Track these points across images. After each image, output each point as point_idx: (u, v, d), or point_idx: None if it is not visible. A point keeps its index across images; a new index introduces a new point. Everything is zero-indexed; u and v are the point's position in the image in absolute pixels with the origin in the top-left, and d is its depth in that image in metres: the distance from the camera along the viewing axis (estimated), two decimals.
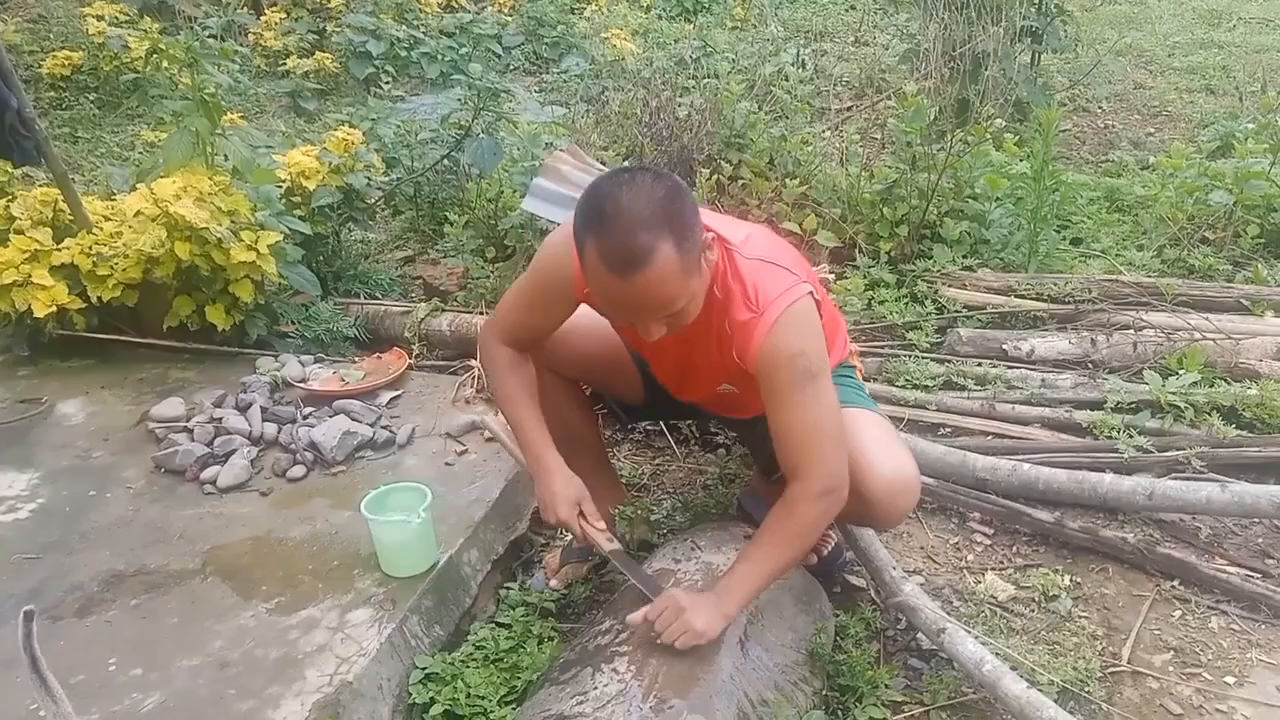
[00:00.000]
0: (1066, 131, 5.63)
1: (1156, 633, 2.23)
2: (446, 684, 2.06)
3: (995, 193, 3.72)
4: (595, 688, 1.86)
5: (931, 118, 3.65)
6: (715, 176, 3.72)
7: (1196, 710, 2.02)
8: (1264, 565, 2.39)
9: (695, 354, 2.00)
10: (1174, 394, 2.81)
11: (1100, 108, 6.33)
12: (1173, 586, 2.35)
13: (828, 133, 4.27)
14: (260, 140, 3.91)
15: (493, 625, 2.27)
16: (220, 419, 2.83)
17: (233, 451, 2.70)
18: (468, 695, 2.03)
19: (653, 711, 1.77)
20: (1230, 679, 2.09)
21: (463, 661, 2.12)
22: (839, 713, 1.99)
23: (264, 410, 2.88)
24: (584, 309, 2.06)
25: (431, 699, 2.03)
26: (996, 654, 2.02)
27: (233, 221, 3.18)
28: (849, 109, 4.95)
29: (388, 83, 7.00)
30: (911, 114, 3.56)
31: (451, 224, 3.78)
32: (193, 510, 2.52)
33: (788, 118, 4.00)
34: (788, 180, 3.68)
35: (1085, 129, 5.99)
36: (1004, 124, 3.90)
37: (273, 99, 6.87)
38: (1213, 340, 3.00)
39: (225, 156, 3.35)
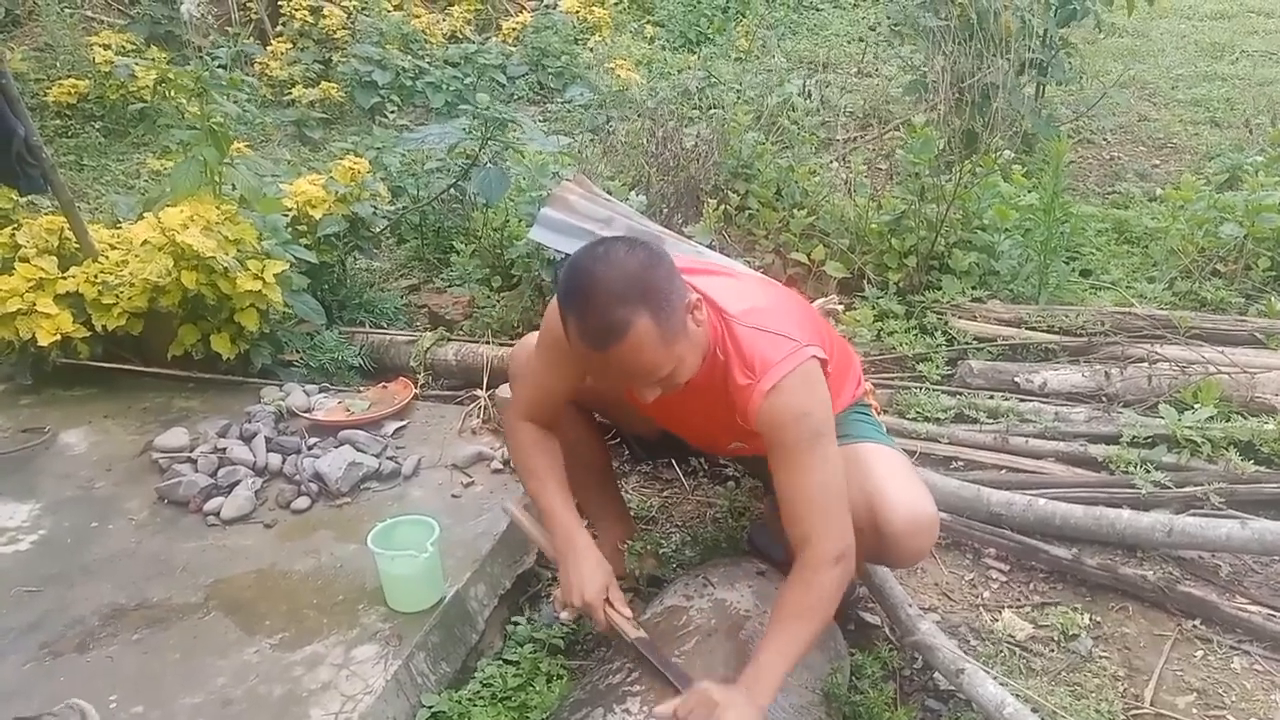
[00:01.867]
0: (1072, 163, 5.62)
1: (1179, 673, 2.18)
2: None
3: (1004, 224, 3.71)
4: None
5: (940, 149, 3.64)
6: (722, 207, 3.71)
7: None
8: None
9: (700, 415, 2.00)
10: (1190, 429, 2.78)
11: (1105, 139, 6.33)
12: (1194, 626, 2.31)
13: (835, 163, 4.27)
14: (267, 169, 3.90)
15: (500, 662, 2.23)
16: (224, 449, 2.80)
17: (237, 482, 2.67)
18: None
19: None
20: None
21: (470, 700, 2.09)
22: None
23: (268, 440, 2.85)
24: None
25: None
26: (1017, 695, 1.98)
27: (239, 251, 3.17)
28: (854, 140, 4.95)
29: (393, 112, 7.03)
30: (920, 145, 3.55)
31: (459, 253, 3.76)
32: (196, 542, 2.49)
33: (794, 148, 3.99)
34: (795, 211, 3.68)
35: (1090, 160, 5.98)
36: (1012, 155, 3.89)
37: (278, 128, 6.88)
38: (1228, 374, 2.97)
39: (233, 186, 3.34)
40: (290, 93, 7.24)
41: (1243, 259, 3.69)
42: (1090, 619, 2.34)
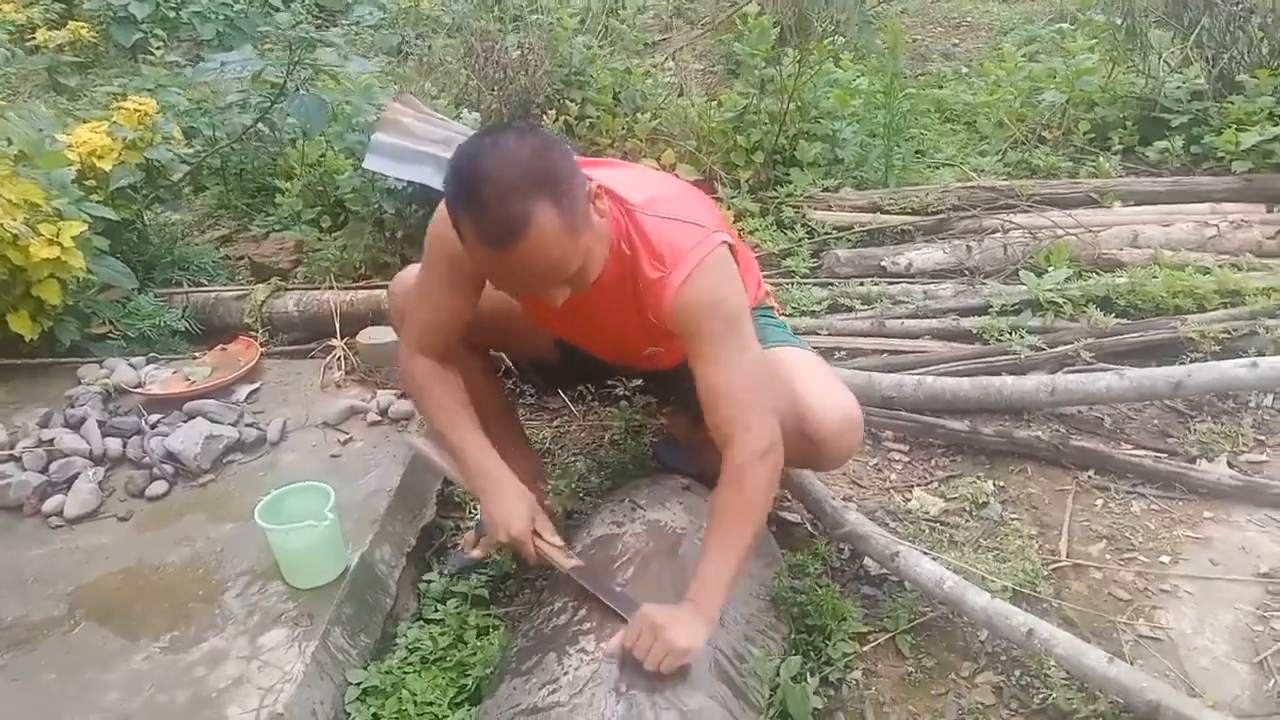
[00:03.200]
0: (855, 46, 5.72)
1: (1085, 524, 2.27)
2: (388, 696, 1.87)
3: (844, 111, 3.70)
4: (565, 673, 1.70)
5: (774, 40, 3.58)
6: (561, 118, 3.52)
7: (1143, 593, 2.06)
8: (1165, 444, 2.48)
9: (611, 319, 1.86)
10: (1050, 291, 2.87)
11: (904, 23, 6.47)
12: (1090, 477, 2.40)
13: (670, 63, 4.14)
14: (44, 119, 3.41)
15: (421, 623, 2.06)
16: (51, 440, 2.46)
17: (75, 476, 2.35)
18: (414, 704, 1.84)
19: (637, 686, 1.63)
20: (1165, 559, 2.15)
21: (400, 669, 1.92)
22: (811, 653, 1.91)
23: (101, 424, 2.52)
24: None
25: (374, 715, 1.83)
26: (950, 569, 2.00)
27: (27, 215, 2.76)
28: (683, 38, 4.81)
29: (159, 48, 6.38)
30: (756, 36, 3.47)
31: (283, 193, 3.43)
32: (42, 548, 2.17)
33: (625, 51, 3.84)
34: (638, 115, 3.54)
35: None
36: (844, 40, 3.87)
37: (24, 78, 6.12)
38: (1075, 235, 3.09)
39: (8, 141, 2.89)
40: (33, 38, 6.44)
41: (1064, 124, 3.84)
42: (994, 485, 2.40)
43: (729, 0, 4.80)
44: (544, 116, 3.56)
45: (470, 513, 2.46)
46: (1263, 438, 2.48)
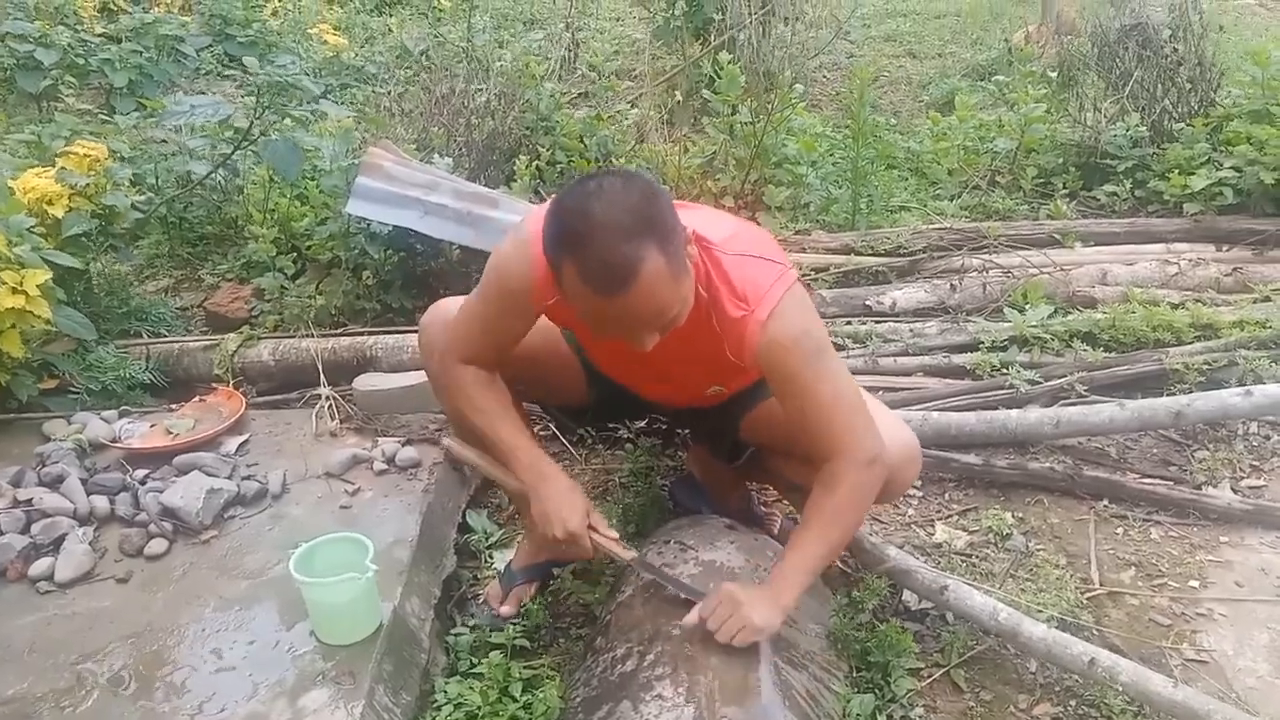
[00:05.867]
0: (807, 101, 5.87)
1: (1111, 552, 2.31)
2: None
3: (811, 156, 3.77)
4: None
5: (742, 86, 3.63)
6: (533, 163, 3.50)
7: (1181, 618, 2.10)
8: (1169, 472, 2.56)
9: (681, 361, 1.82)
10: (1034, 326, 2.95)
11: (825, 77, 6.66)
12: (1105, 506, 2.45)
13: (634, 109, 4.15)
14: (3, 163, 3.23)
15: (459, 678, 1.97)
16: (29, 500, 2.29)
17: (63, 536, 2.19)
18: None
19: None
20: (1194, 583, 2.20)
21: None
22: (876, 691, 1.88)
23: (83, 482, 2.36)
24: None
25: None
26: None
27: None
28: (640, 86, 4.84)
29: (71, 95, 6.13)
30: (727, 83, 3.52)
31: (257, 239, 3.28)
32: (35, 615, 2.01)
33: (593, 96, 3.84)
34: (612, 160, 3.54)
35: (819, 96, 6.28)
36: (804, 89, 3.95)
37: None
38: (1047, 274, 3.19)
39: None
40: None
41: (1014, 170, 3.99)
42: (1014, 516, 2.43)
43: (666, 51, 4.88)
44: (514, 161, 3.53)
45: (487, 561, 2.37)
46: (1258, 462, 2.57)
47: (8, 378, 2.74)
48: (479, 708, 1.86)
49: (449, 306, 2.00)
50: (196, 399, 2.79)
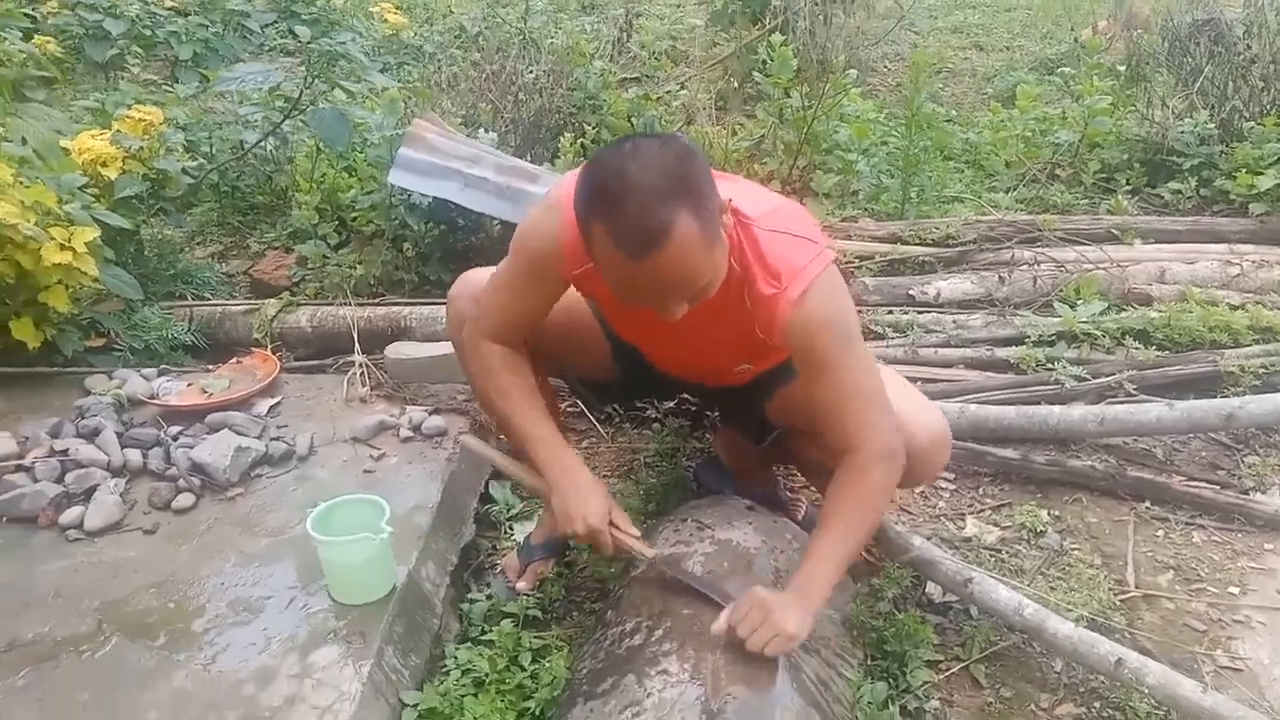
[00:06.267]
0: (867, 90, 5.79)
1: (1149, 554, 2.23)
2: (447, 718, 1.76)
3: (863, 144, 3.70)
4: (649, 695, 1.61)
5: (795, 70, 3.58)
6: (578, 140, 3.48)
7: (1217, 624, 2.02)
8: (1216, 476, 2.46)
9: (710, 336, 1.79)
10: (1085, 323, 2.86)
11: (886, 67, 6.56)
12: (1147, 507, 2.37)
13: (684, 90, 4.12)
14: (59, 120, 3.29)
15: (470, 645, 1.96)
16: (65, 450, 2.33)
17: (94, 487, 2.22)
18: None
19: (728, 710, 1.56)
20: (1234, 589, 2.11)
21: (456, 691, 1.81)
22: (889, 681, 1.84)
23: (119, 435, 2.40)
24: None
25: None
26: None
27: (39, 218, 2.64)
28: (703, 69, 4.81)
29: (136, 66, 6.25)
30: (779, 65, 3.47)
31: (300, 207, 3.31)
32: (62, 562, 2.04)
33: (643, 79, 3.82)
34: None
35: (879, 86, 6.18)
36: (857, 74, 3.89)
37: None
38: (1103, 270, 3.10)
39: (23, 140, 2.77)
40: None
41: (1075, 164, 3.88)
42: (1050, 514, 2.36)
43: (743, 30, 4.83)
44: (560, 139, 3.51)
45: (506, 533, 2.37)
46: None
47: (54, 332, 2.79)
48: (486, 674, 1.85)
49: (478, 277, 1.99)
50: (234, 361, 2.82)
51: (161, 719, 1.65)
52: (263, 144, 3.58)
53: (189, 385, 2.67)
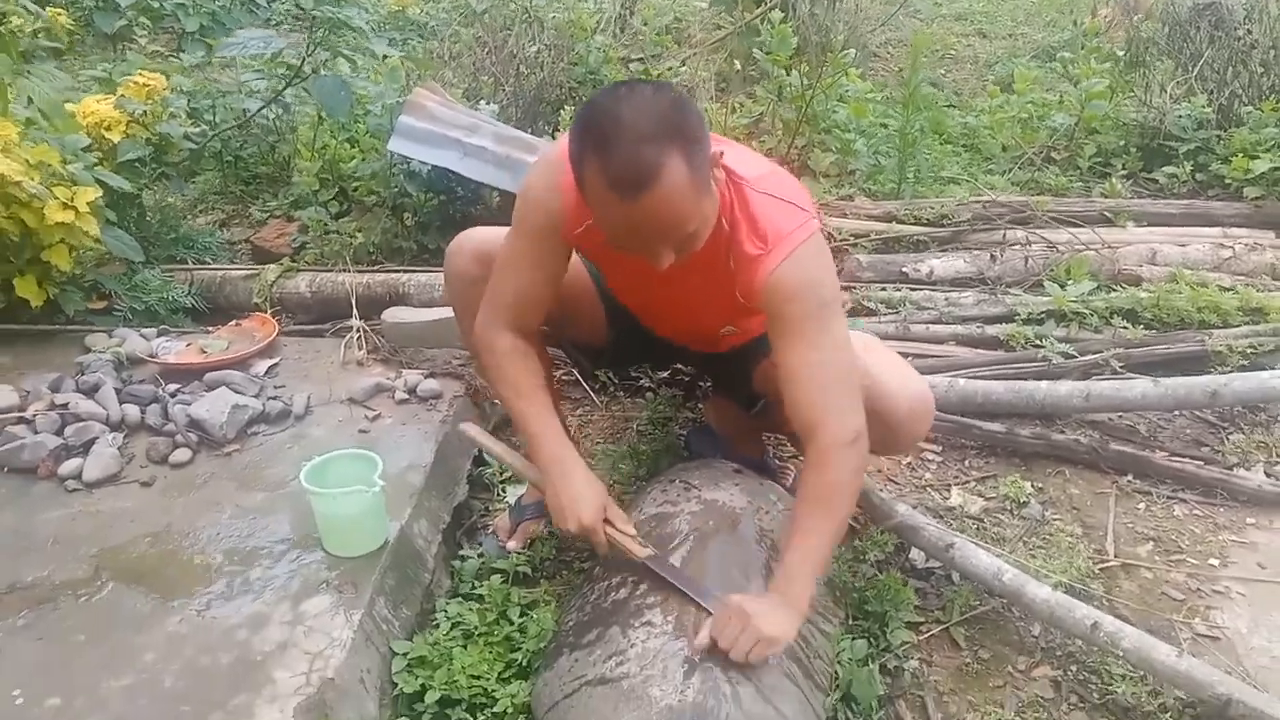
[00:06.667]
0: (869, 73, 5.80)
1: (1130, 526, 2.26)
2: (436, 667, 1.79)
3: (860, 124, 3.72)
4: (632, 645, 1.65)
5: (794, 48, 3.60)
6: None
7: (1195, 594, 2.05)
8: (1200, 452, 2.49)
9: (696, 294, 1.81)
10: (1075, 302, 2.89)
11: (889, 53, 6.56)
12: (1129, 481, 2.40)
13: (684, 68, 4.14)
14: (63, 82, 3.31)
15: (461, 599, 2.00)
16: (65, 404, 2.36)
17: (93, 440, 2.26)
18: (464, 675, 1.77)
19: (709, 659, 1.59)
20: (1214, 561, 2.14)
21: (445, 642, 1.85)
22: (869, 640, 1.88)
23: (117, 391, 2.43)
24: None
25: (423, 685, 1.76)
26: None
27: (42, 177, 2.67)
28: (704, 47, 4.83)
29: (144, 37, 6.26)
30: (777, 42, 3.48)
31: (302, 174, 3.34)
32: (61, 511, 2.08)
33: (645, 55, 3.84)
34: None
35: (882, 71, 6.19)
36: (856, 53, 3.90)
37: None
38: (1094, 251, 3.13)
39: (29, 99, 2.80)
40: (4, 23, 6.27)
41: (1071, 148, 3.90)
42: (1033, 486, 2.39)
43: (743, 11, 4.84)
44: (561, 113, 3.53)
45: (499, 495, 2.40)
46: None
47: (56, 291, 2.83)
48: (476, 627, 1.89)
49: (476, 234, 2.01)
50: (233, 323, 2.85)
51: (157, 660, 1.68)
52: (265, 113, 3.60)
53: (188, 345, 2.70)
